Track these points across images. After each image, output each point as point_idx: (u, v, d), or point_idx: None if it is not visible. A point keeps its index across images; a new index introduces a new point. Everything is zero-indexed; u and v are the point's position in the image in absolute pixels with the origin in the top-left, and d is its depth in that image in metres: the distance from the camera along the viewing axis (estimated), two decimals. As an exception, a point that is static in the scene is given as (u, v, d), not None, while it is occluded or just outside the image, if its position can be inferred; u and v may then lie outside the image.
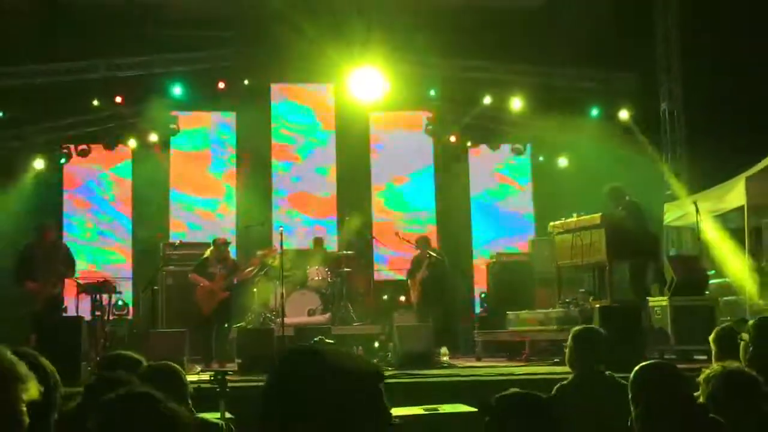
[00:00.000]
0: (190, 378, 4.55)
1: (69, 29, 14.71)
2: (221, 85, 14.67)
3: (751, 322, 4.92)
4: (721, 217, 12.19)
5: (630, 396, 3.61)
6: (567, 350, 5.47)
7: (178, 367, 4.13)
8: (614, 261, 10.43)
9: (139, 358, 4.18)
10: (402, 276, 13.79)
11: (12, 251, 11.61)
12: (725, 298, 11.20)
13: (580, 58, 15.32)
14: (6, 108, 14.13)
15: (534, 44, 15.17)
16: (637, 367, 3.74)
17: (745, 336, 4.66)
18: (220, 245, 11.51)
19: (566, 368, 7.04)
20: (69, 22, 14.78)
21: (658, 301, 10.29)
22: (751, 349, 4.58)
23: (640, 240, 10.49)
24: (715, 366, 3.71)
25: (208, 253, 11.54)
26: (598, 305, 9.65)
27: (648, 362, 3.87)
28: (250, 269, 11.95)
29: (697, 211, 11.52)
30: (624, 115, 14.87)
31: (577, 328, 5.61)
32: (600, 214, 10.55)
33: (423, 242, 12.59)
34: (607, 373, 5.17)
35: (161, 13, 15.24)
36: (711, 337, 5.15)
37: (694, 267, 10.90)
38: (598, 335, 5.48)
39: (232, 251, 12.41)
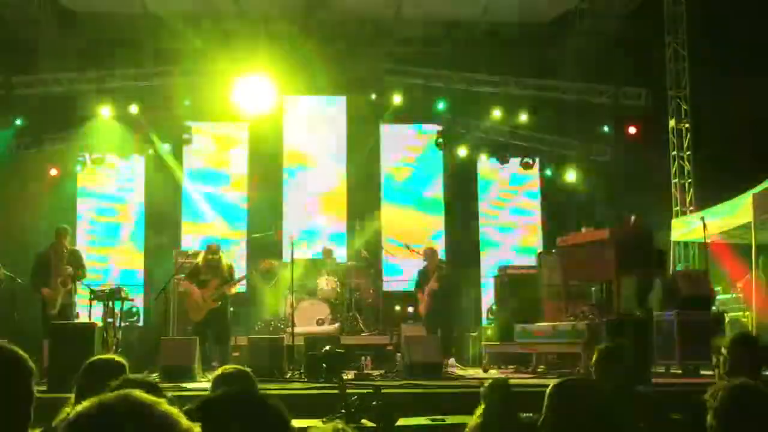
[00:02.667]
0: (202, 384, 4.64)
1: (86, 39, 14.93)
2: (237, 95, 14.81)
3: (727, 337, 5.06)
4: (728, 233, 12.26)
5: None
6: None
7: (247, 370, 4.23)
8: (622, 275, 10.49)
9: (122, 362, 4.01)
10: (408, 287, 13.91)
11: (28, 257, 11.76)
12: (732, 314, 11.26)
13: (589, 73, 15.45)
14: (23, 116, 14.32)
15: (544, 59, 15.33)
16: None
17: (724, 351, 4.80)
18: (210, 252, 11.20)
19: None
20: (86, 32, 15.01)
21: (665, 316, 10.36)
22: (728, 362, 4.73)
23: (648, 254, 10.55)
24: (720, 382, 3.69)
25: (199, 259, 11.36)
26: (605, 319, 9.71)
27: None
28: (234, 286, 11.50)
29: (705, 226, 11.59)
30: (632, 130, 14.98)
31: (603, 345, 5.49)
32: (608, 228, 10.62)
33: (430, 254, 12.62)
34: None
35: (175, 25, 15.44)
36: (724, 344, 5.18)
37: (701, 282, 10.96)
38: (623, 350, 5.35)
39: (241, 261, 12.48)
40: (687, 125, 14.40)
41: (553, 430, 3.68)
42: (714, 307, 10.84)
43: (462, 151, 16.16)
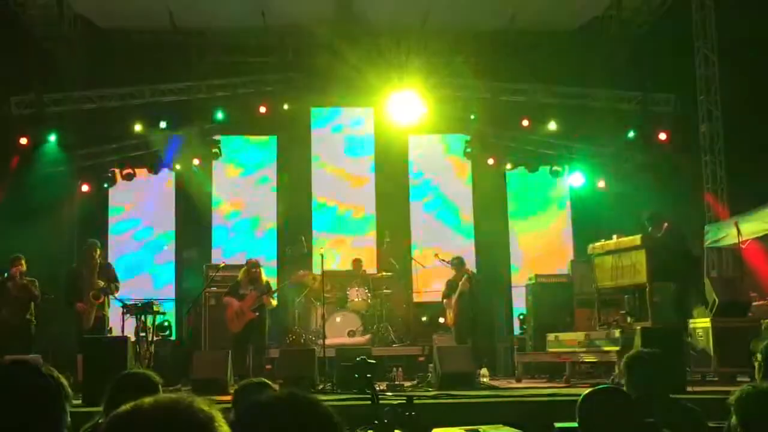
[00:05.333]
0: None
1: (115, 56, 15.12)
2: (262, 109, 14.92)
3: (765, 342, 4.94)
4: (763, 238, 12.10)
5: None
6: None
7: None
8: (655, 282, 10.39)
9: (156, 379, 3.97)
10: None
11: (60, 273, 11.88)
12: (768, 320, 11.08)
13: (617, 79, 15.35)
14: (55, 132, 14.50)
15: (571, 66, 15.25)
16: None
17: (759, 356, 4.71)
18: (251, 267, 11.57)
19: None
20: (115, 50, 15.20)
21: (700, 323, 10.23)
22: (762, 368, 4.65)
23: (681, 261, 10.45)
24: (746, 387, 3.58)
25: (240, 275, 11.63)
26: (639, 327, 9.61)
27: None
28: (300, 274, 12.14)
29: (739, 232, 11.45)
30: (663, 136, 14.85)
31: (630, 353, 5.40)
32: (640, 235, 10.53)
33: (458, 263, 12.55)
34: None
35: (204, 40, 15.61)
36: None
37: (737, 289, 10.84)
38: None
39: (272, 273, 12.53)
40: (719, 131, 14.24)
41: None
42: (750, 314, 10.68)
43: (490, 161, 16.09)
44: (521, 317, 14.47)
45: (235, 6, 14.38)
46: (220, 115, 14.97)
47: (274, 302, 11.88)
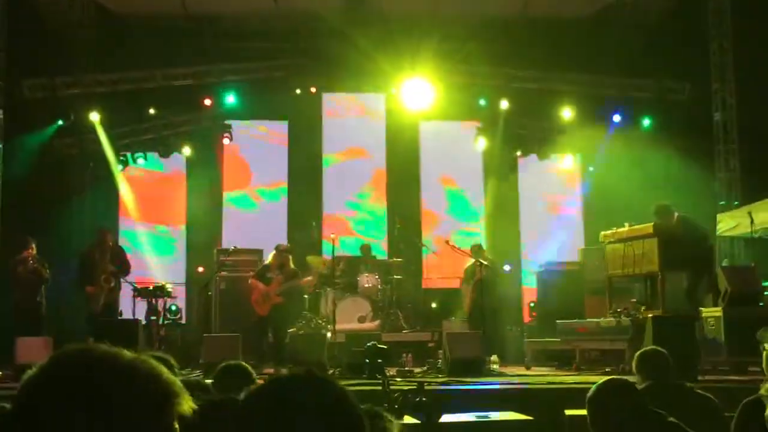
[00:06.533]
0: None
1: (126, 40, 15.11)
2: (274, 94, 14.92)
3: None
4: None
5: None
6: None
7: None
8: (666, 271, 10.35)
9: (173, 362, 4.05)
10: (452, 285, 13.87)
11: (71, 257, 11.94)
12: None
13: (631, 67, 15.26)
14: (66, 116, 14.51)
15: (585, 54, 15.17)
16: None
17: (767, 345, 4.71)
18: (282, 252, 11.46)
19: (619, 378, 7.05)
20: (126, 34, 15.19)
21: (712, 312, 10.19)
22: None
23: (693, 250, 10.39)
24: None
25: (270, 258, 11.54)
26: (650, 315, 9.58)
27: None
28: (308, 279, 11.87)
29: (752, 221, 11.38)
30: (676, 124, 14.77)
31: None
32: (653, 223, 10.47)
33: (477, 250, 12.55)
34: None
35: (216, 25, 15.59)
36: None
37: (749, 278, 10.77)
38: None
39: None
40: (732, 119, 14.15)
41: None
42: (762, 303, 10.63)
43: (502, 148, 16.03)
44: (532, 305, 14.46)
45: (247, -9, 14.38)
46: (230, 99, 14.96)
47: (306, 282, 11.86)
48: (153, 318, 12.03)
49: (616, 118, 15.46)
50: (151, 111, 14.85)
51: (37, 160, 14.00)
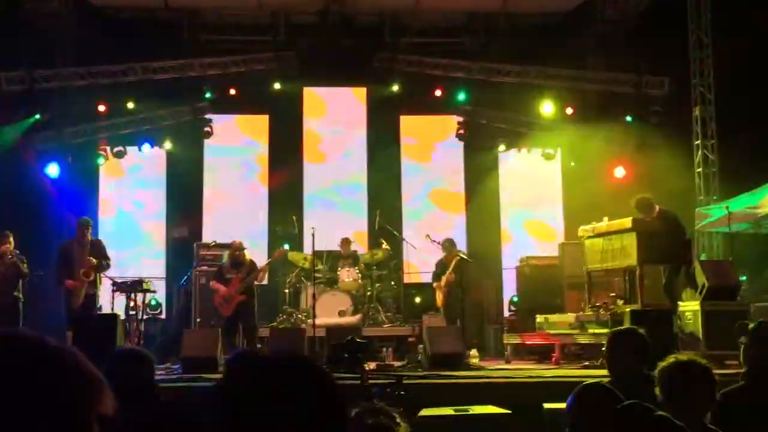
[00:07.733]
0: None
1: (106, 33, 14.99)
2: (253, 88, 14.87)
3: (751, 325, 5.10)
4: (754, 221, 12.13)
5: None
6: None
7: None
8: (645, 265, 10.41)
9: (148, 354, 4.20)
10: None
11: (50, 250, 11.84)
12: (758, 304, 11.13)
13: (612, 62, 15.31)
14: (44, 110, 14.39)
15: (566, 49, 15.19)
16: None
17: (744, 339, 4.83)
18: (235, 250, 11.58)
19: (597, 371, 7.10)
20: (106, 26, 15.08)
21: (690, 306, 10.26)
22: (749, 351, 4.77)
23: (673, 244, 10.46)
24: None
25: (225, 258, 11.63)
26: (628, 309, 9.64)
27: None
28: (261, 273, 11.78)
29: (729, 216, 11.46)
30: (656, 120, 14.83)
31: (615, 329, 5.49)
32: (631, 218, 10.53)
33: (449, 244, 12.57)
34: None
35: (196, 18, 15.51)
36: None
37: (726, 272, 10.84)
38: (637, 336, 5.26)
39: (261, 253, 12.50)
40: (711, 114, 14.24)
41: None
42: (739, 297, 10.71)
43: (483, 142, 16.05)
44: (512, 299, 14.50)
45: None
46: (210, 94, 14.92)
47: (261, 276, 11.84)
48: (132, 313, 11.97)
49: (595, 112, 15.50)
50: (131, 105, 14.74)
51: (15, 153, 13.88)
